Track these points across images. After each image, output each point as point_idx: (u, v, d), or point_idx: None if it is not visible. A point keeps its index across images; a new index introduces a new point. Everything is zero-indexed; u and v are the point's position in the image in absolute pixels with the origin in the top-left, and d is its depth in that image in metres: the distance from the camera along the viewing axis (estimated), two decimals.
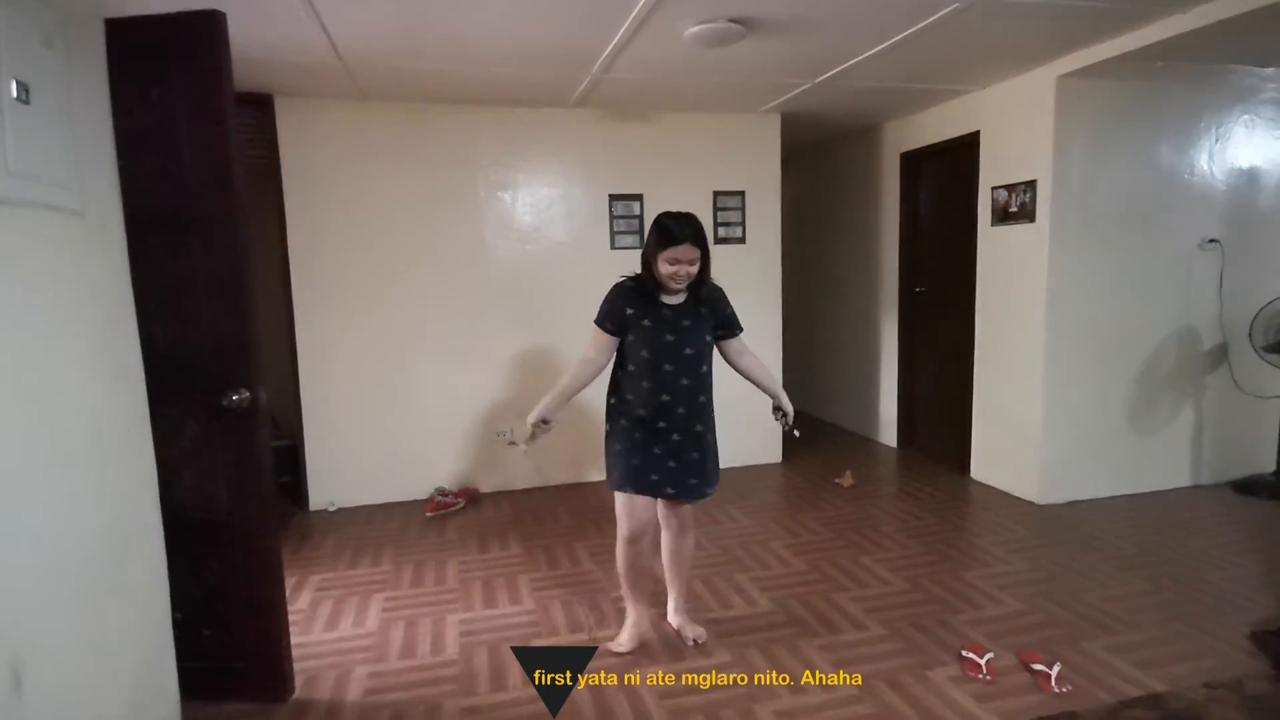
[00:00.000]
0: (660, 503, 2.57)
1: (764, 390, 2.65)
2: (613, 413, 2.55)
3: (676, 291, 2.42)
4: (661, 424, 2.45)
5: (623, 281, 2.49)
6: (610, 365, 2.54)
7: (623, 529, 2.54)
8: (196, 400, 2.16)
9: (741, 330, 2.61)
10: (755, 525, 3.88)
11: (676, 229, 2.32)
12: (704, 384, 2.51)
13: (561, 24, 3.01)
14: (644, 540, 2.56)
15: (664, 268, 2.35)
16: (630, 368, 2.47)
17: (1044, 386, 4.00)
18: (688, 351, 2.43)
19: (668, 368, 2.42)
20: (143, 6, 2.00)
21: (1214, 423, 4.34)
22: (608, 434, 2.57)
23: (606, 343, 2.46)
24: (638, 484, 2.47)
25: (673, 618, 2.75)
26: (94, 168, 1.65)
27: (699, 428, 2.49)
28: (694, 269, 2.37)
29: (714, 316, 2.52)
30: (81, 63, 1.62)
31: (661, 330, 2.42)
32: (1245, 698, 2.23)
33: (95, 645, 1.56)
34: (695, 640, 2.65)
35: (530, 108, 4.36)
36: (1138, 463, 4.22)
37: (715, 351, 2.58)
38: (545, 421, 2.45)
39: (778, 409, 2.64)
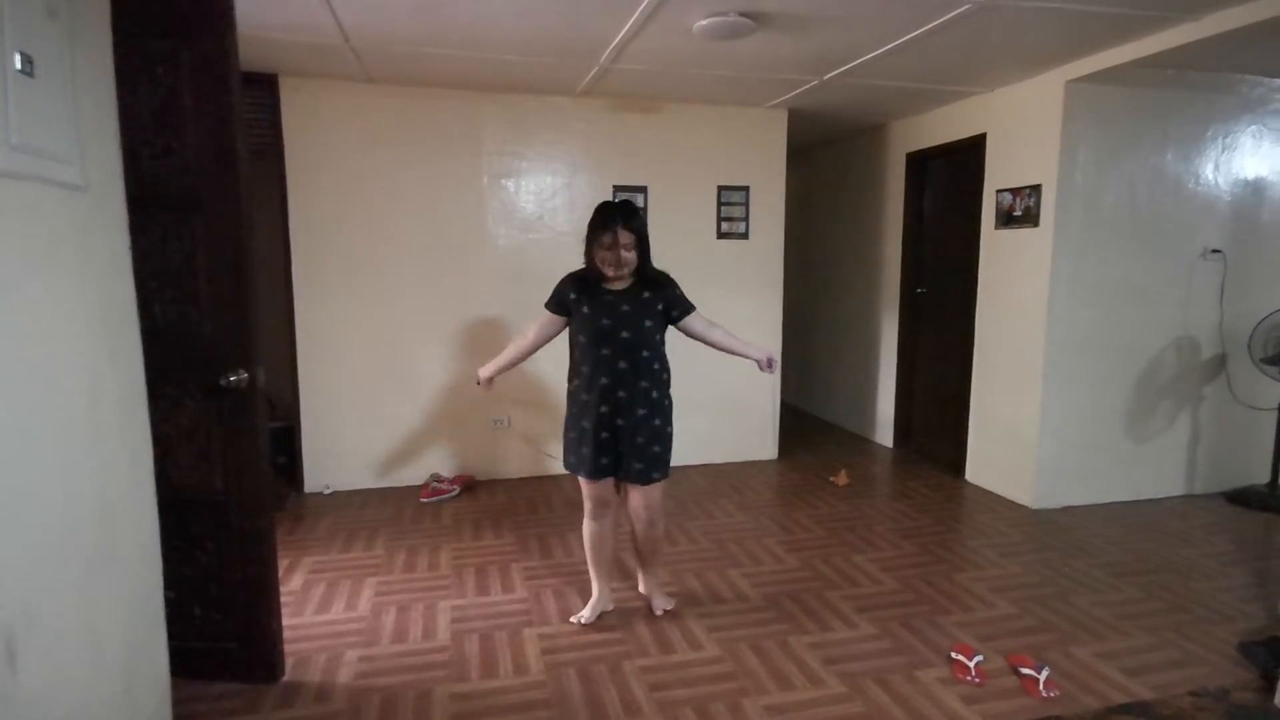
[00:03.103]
0: (630, 493, 2.66)
1: (741, 355, 2.71)
2: (570, 399, 2.68)
3: (616, 279, 2.51)
4: (604, 408, 2.54)
5: (573, 271, 2.62)
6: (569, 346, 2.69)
7: (585, 507, 2.74)
8: (194, 380, 2.16)
9: (695, 308, 2.64)
10: (749, 521, 3.89)
11: (610, 214, 2.45)
12: (645, 369, 2.55)
13: (571, 13, 2.99)
14: (605, 517, 2.74)
15: (598, 253, 2.46)
16: (575, 353, 2.61)
17: (1041, 391, 4.01)
18: (624, 335, 2.51)
19: (604, 351, 2.52)
20: None
21: (1209, 433, 4.35)
22: (566, 420, 2.69)
23: (545, 321, 2.66)
24: (588, 469, 2.60)
25: (644, 589, 2.88)
26: (97, 143, 1.64)
27: (641, 412, 2.56)
28: (630, 254, 2.45)
29: (661, 299, 2.57)
30: (86, 35, 1.60)
31: (599, 315, 2.52)
32: (1231, 707, 2.24)
33: (88, 622, 1.56)
34: (664, 609, 2.78)
35: (536, 95, 4.34)
36: (1132, 470, 4.23)
37: (666, 339, 2.64)
38: (490, 380, 2.76)
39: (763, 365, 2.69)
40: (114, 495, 1.69)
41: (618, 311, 2.51)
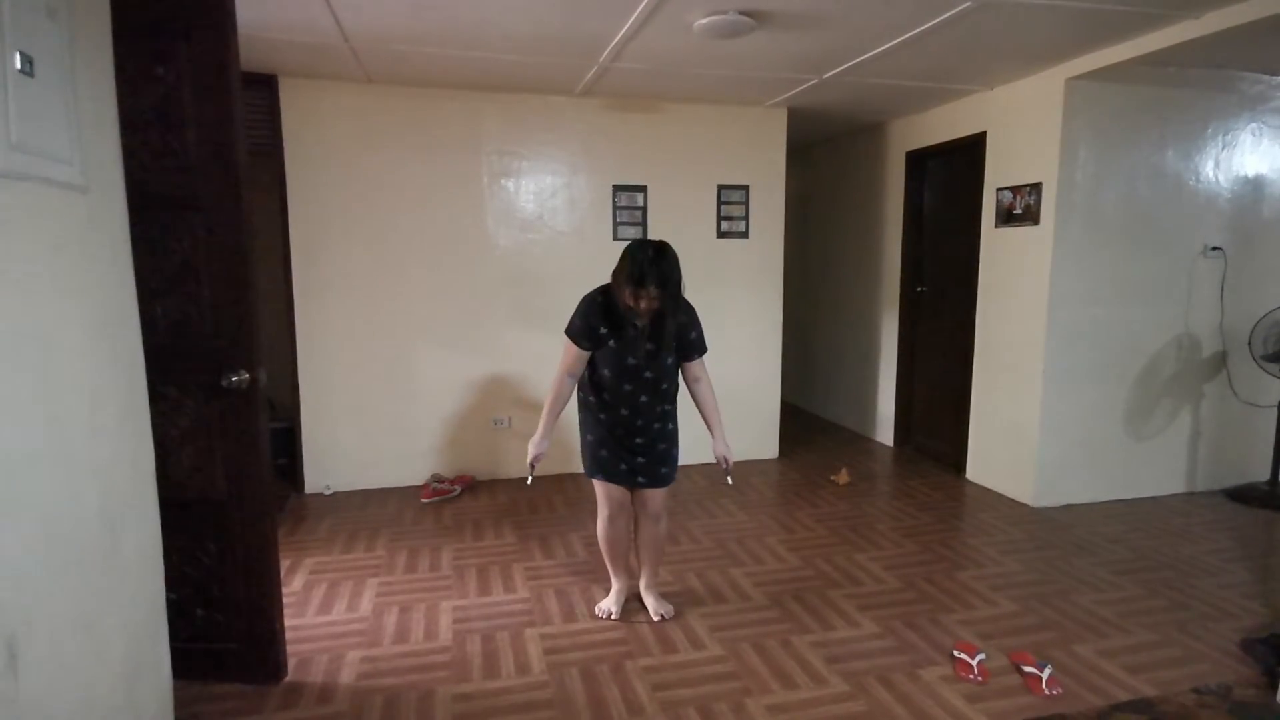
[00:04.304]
0: (645, 495, 2.70)
1: (707, 426, 2.71)
2: (583, 405, 2.69)
3: (643, 316, 2.49)
4: (620, 431, 2.61)
5: (594, 295, 2.55)
6: None
7: (601, 511, 2.74)
8: (196, 380, 2.16)
9: (703, 354, 2.65)
10: (750, 520, 3.89)
11: (645, 273, 2.34)
12: (665, 397, 2.62)
13: (571, 12, 2.99)
14: (620, 519, 2.75)
15: (628, 299, 2.41)
16: (593, 376, 2.60)
17: (1042, 389, 4.01)
18: (647, 375, 2.54)
19: (627, 387, 2.55)
20: None
21: (1210, 430, 4.35)
22: (580, 423, 2.72)
23: (582, 356, 2.57)
24: (608, 473, 2.64)
25: (644, 594, 2.86)
26: (97, 143, 1.63)
27: (657, 425, 2.64)
28: (657, 303, 2.41)
29: (681, 339, 2.58)
30: (86, 35, 1.59)
31: (624, 353, 2.51)
32: (1234, 704, 2.24)
33: (89, 624, 1.56)
34: (663, 615, 2.78)
35: (536, 95, 4.34)
36: (1133, 468, 4.23)
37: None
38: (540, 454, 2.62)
39: (721, 459, 2.70)
40: (115, 496, 1.68)
41: (642, 351, 2.52)
